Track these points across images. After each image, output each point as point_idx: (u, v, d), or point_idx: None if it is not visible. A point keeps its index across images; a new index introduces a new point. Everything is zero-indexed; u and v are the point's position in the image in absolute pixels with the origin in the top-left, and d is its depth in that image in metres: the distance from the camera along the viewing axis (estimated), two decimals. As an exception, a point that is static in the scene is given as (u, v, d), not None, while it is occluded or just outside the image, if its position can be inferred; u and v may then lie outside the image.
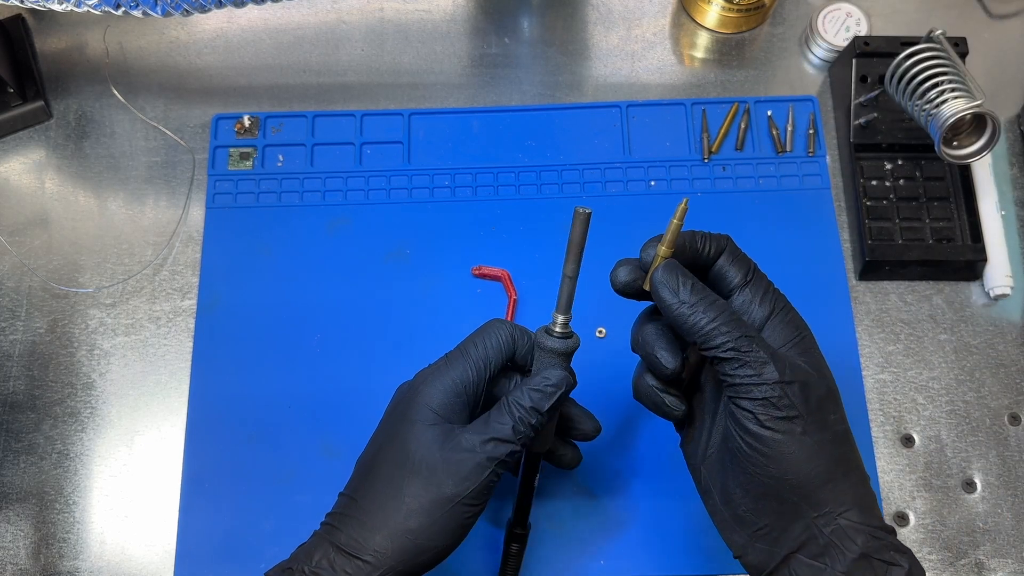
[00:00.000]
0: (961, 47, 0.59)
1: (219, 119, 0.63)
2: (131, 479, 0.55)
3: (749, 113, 0.63)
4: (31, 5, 0.53)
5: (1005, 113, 0.64)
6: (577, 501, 0.54)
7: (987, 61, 0.65)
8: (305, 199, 0.61)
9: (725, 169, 0.62)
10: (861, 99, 0.61)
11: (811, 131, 0.62)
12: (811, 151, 0.62)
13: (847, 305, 0.59)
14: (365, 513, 0.41)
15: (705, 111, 0.63)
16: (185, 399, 0.56)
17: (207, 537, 0.53)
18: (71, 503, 0.55)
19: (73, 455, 0.56)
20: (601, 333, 0.57)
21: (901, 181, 0.60)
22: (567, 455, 0.49)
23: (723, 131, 0.62)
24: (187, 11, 0.54)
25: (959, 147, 0.56)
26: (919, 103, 0.55)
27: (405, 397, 0.44)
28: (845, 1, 0.66)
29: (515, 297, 0.58)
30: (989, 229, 0.59)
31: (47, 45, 0.66)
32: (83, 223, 0.61)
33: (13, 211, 0.61)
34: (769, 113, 0.63)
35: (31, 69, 0.63)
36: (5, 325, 0.59)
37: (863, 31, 0.65)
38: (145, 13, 0.53)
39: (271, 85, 0.65)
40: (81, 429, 0.56)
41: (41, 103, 0.63)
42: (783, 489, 0.37)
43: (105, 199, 0.62)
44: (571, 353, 0.43)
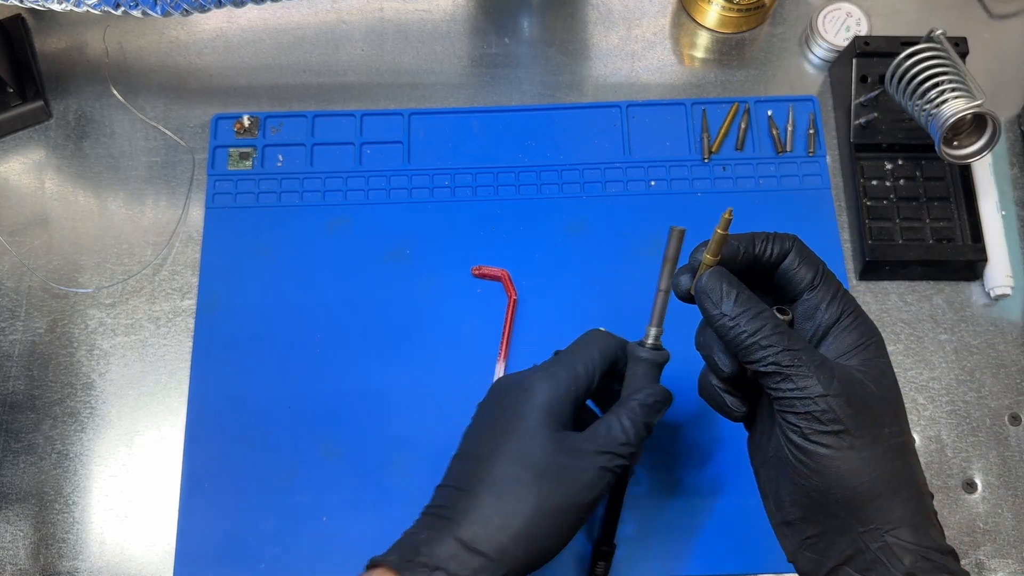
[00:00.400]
0: (961, 47, 0.59)
1: (219, 119, 0.63)
2: (131, 479, 0.55)
3: (749, 113, 0.63)
4: (31, 5, 0.53)
5: (1005, 113, 0.64)
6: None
7: (987, 61, 0.65)
8: (305, 199, 0.61)
9: (725, 169, 0.62)
10: (861, 99, 0.61)
11: (811, 131, 0.62)
12: (811, 151, 0.62)
13: (847, 305, 0.58)
14: (488, 509, 0.40)
15: (705, 111, 0.63)
16: (185, 399, 0.56)
17: (207, 537, 0.53)
18: (71, 503, 0.55)
19: (73, 455, 0.56)
20: (601, 333, 0.57)
21: (901, 181, 0.60)
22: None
23: (723, 131, 0.62)
24: (187, 11, 0.54)
25: (959, 147, 0.56)
26: (919, 103, 0.55)
27: (516, 395, 0.43)
28: (845, 1, 0.66)
29: (515, 297, 0.58)
30: (989, 229, 0.59)
31: (47, 45, 0.66)
32: (83, 223, 0.61)
33: (13, 211, 0.61)
34: (769, 113, 0.63)
35: (31, 69, 0.63)
36: (5, 325, 0.59)
37: (863, 31, 0.64)
38: (145, 13, 0.53)
39: (271, 85, 0.65)
40: (81, 429, 0.56)
41: (41, 103, 0.63)
42: (828, 502, 0.36)
43: (105, 199, 0.62)
44: (663, 366, 0.44)
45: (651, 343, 0.43)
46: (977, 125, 0.55)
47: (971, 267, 0.59)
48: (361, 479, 0.54)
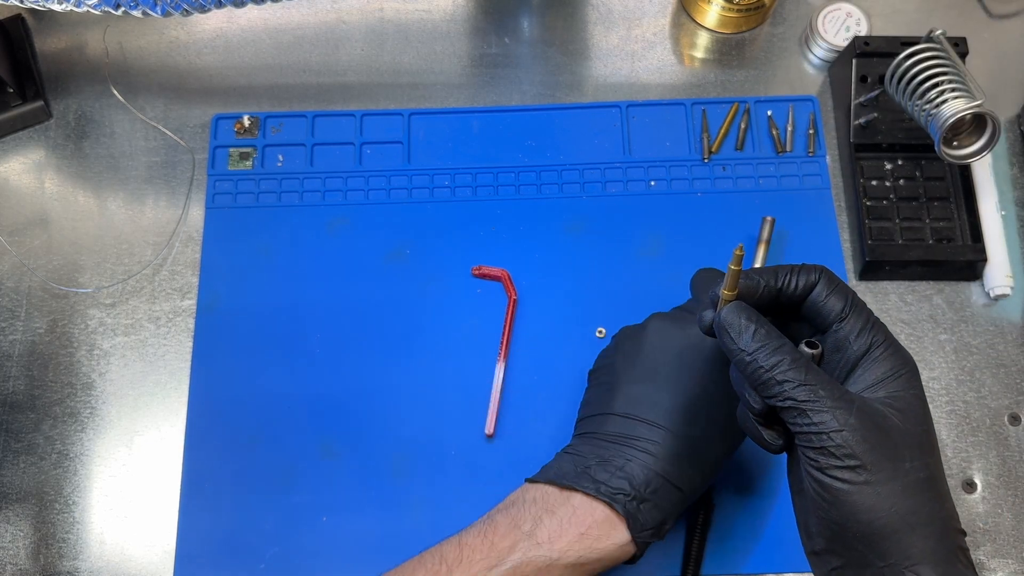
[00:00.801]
0: (961, 47, 0.59)
1: (219, 119, 0.63)
2: (131, 479, 0.55)
3: (749, 113, 0.63)
4: (31, 5, 0.53)
5: (1005, 113, 0.64)
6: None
7: (987, 61, 0.65)
8: (305, 199, 0.61)
9: (725, 169, 0.62)
10: (861, 99, 0.61)
11: (811, 131, 0.62)
12: (811, 151, 0.62)
13: (847, 305, 0.58)
14: (692, 454, 0.44)
15: (705, 111, 0.63)
16: (185, 399, 0.56)
17: (207, 537, 0.53)
18: (71, 503, 0.55)
19: (73, 455, 0.56)
20: (601, 333, 0.57)
21: (901, 181, 0.60)
22: None
23: (723, 131, 0.62)
24: (187, 11, 0.54)
25: (959, 147, 0.56)
26: (919, 103, 0.55)
27: (698, 343, 0.46)
28: (845, 1, 0.66)
29: (515, 297, 0.58)
30: (989, 229, 0.59)
31: (47, 45, 0.66)
32: (83, 223, 0.61)
33: (13, 211, 0.61)
34: (769, 113, 0.63)
35: (31, 69, 0.63)
36: (5, 325, 0.59)
37: (863, 31, 0.65)
38: (145, 13, 0.53)
39: (271, 85, 0.65)
40: (81, 429, 0.56)
41: (41, 103, 0.63)
42: (847, 535, 0.36)
43: (105, 199, 0.62)
44: None
45: None
46: (977, 125, 0.55)
47: (971, 267, 0.59)
48: (361, 479, 0.54)
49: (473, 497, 0.53)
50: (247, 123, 0.63)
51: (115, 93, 0.64)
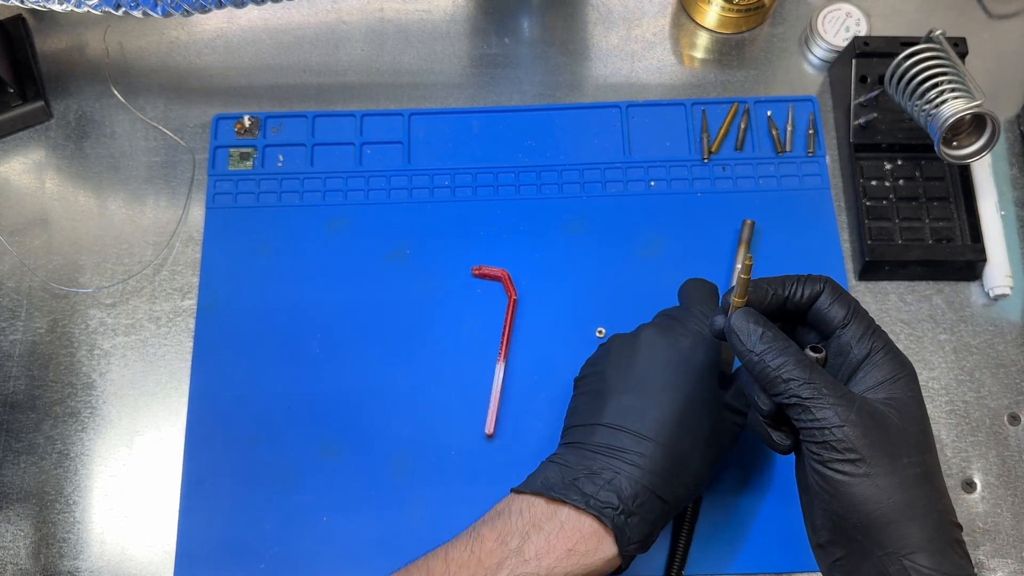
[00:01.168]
0: (961, 47, 0.59)
1: (219, 119, 0.63)
2: (131, 479, 0.55)
3: (749, 113, 0.63)
4: (31, 5, 0.53)
5: (1005, 113, 0.64)
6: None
7: (987, 61, 0.65)
8: (305, 199, 0.61)
9: (725, 169, 0.62)
10: (861, 99, 0.61)
11: (811, 131, 0.63)
12: (811, 151, 0.62)
13: (847, 305, 0.59)
14: (679, 467, 0.45)
15: (705, 111, 0.63)
16: (185, 399, 0.56)
17: (207, 537, 0.53)
18: (71, 503, 0.55)
19: (73, 455, 0.56)
20: (601, 333, 0.57)
21: (901, 181, 0.60)
22: None
23: (723, 131, 0.62)
24: (187, 11, 0.54)
25: (959, 147, 0.56)
26: (919, 103, 0.55)
27: (688, 355, 0.47)
28: (845, 1, 0.66)
29: (515, 297, 0.58)
30: (989, 229, 0.59)
31: (47, 45, 0.66)
32: (83, 223, 0.61)
33: (13, 211, 0.62)
34: (769, 113, 0.63)
35: (31, 69, 0.63)
36: (5, 325, 0.59)
37: (863, 31, 0.65)
38: (145, 13, 0.53)
39: (271, 85, 0.65)
40: (81, 429, 0.56)
41: (41, 103, 0.63)
42: (848, 526, 0.38)
43: (105, 199, 0.62)
44: None
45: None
46: (976, 125, 0.55)
47: (970, 267, 0.59)
48: (361, 479, 0.54)
49: (473, 497, 0.53)
50: (247, 123, 0.63)
51: (115, 93, 0.64)
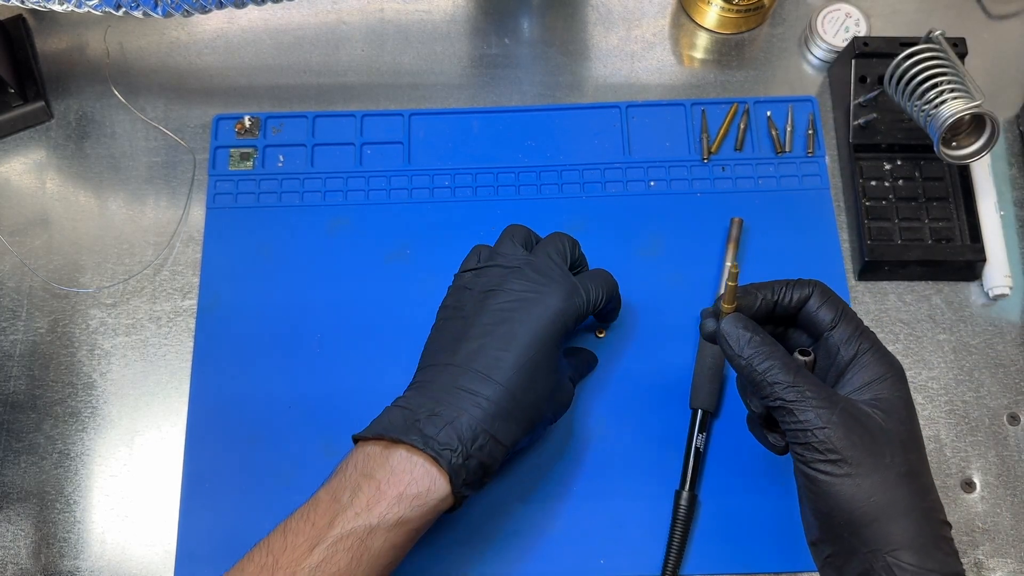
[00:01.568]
0: (960, 47, 0.59)
1: (219, 119, 0.63)
2: (131, 479, 0.55)
3: (748, 113, 0.63)
4: (32, 5, 0.53)
5: (1004, 113, 0.64)
6: (571, 501, 0.54)
7: (986, 61, 0.65)
8: (305, 199, 0.61)
9: (725, 169, 0.62)
10: (860, 99, 0.61)
11: (810, 131, 0.63)
12: (810, 151, 0.62)
13: (846, 305, 0.59)
14: (522, 414, 0.45)
15: (705, 111, 0.63)
16: (185, 399, 0.56)
17: (207, 537, 0.53)
18: (72, 503, 0.55)
19: (74, 455, 0.56)
20: (601, 333, 0.58)
21: (900, 181, 0.61)
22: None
23: (723, 131, 0.63)
24: (187, 12, 0.54)
25: (958, 147, 0.56)
26: (918, 103, 0.55)
27: (551, 313, 0.46)
28: (844, 2, 0.66)
29: (515, 297, 0.58)
30: (988, 229, 0.59)
31: (48, 45, 0.66)
32: (83, 223, 0.61)
33: (14, 211, 0.62)
34: (768, 113, 0.63)
35: (32, 69, 0.63)
36: (6, 325, 0.59)
37: (862, 31, 0.65)
38: (146, 14, 0.53)
39: (271, 85, 0.65)
40: (82, 429, 0.56)
41: (42, 103, 0.63)
42: (834, 524, 0.39)
43: (105, 199, 0.62)
44: None
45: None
46: (976, 125, 0.55)
47: (970, 267, 0.59)
48: (361, 479, 0.54)
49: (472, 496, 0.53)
50: (248, 123, 0.63)
51: (116, 93, 0.64)
